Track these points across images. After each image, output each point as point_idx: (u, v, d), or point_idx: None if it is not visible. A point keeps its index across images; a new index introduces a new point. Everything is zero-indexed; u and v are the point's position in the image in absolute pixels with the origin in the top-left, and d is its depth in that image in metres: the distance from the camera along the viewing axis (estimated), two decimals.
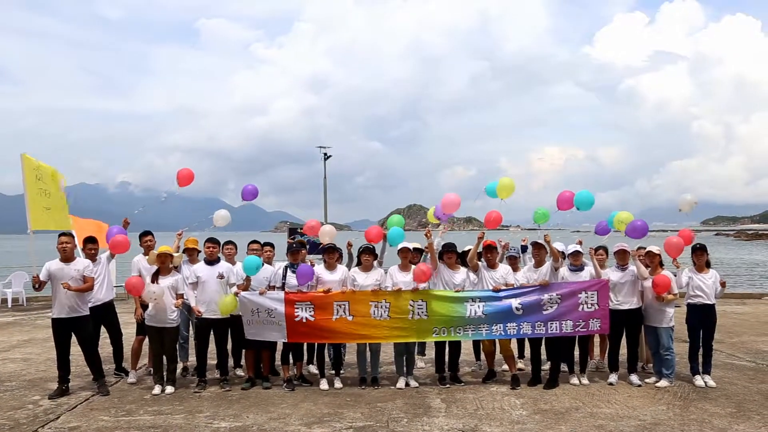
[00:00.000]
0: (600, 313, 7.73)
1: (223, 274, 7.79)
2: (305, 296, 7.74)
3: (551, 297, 7.74)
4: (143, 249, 8.38)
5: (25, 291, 16.83)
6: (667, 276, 7.68)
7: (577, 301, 7.72)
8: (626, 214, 8.19)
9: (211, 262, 7.88)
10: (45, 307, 15.48)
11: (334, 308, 7.68)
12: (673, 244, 7.87)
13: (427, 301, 7.71)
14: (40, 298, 16.61)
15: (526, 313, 7.71)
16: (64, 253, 7.40)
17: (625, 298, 7.85)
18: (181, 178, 8.63)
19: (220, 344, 7.94)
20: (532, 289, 7.81)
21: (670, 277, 7.70)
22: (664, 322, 7.77)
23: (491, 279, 7.89)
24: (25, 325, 13.15)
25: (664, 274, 7.69)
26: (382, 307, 7.69)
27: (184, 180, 8.66)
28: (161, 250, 7.72)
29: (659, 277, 7.66)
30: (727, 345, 10.36)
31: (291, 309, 7.65)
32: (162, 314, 7.51)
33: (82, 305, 7.43)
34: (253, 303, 7.70)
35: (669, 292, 7.65)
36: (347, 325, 7.68)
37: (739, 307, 15.46)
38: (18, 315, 14.81)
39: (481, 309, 7.69)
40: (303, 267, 7.75)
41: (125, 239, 7.95)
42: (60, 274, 7.30)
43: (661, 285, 7.61)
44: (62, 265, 7.38)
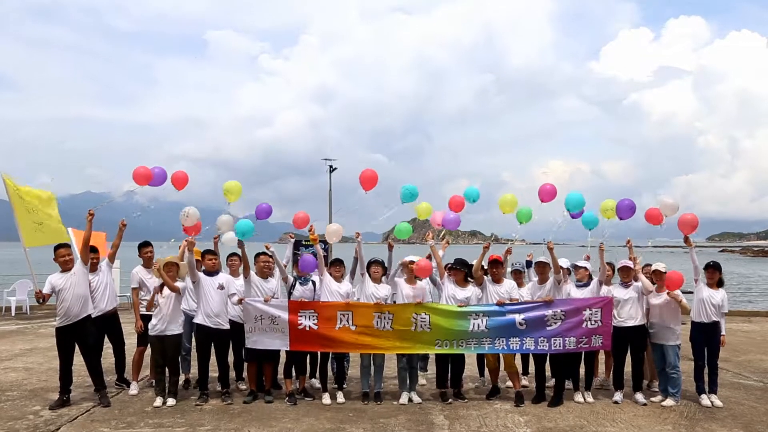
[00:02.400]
0: (603, 330, 7.67)
1: (223, 285, 7.78)
2: (309, 305, 7.76)
3: (555, 313, 7.69)
4: (143, 260, 8.36)
5: (29, 299, 16.83)
6: (679, 272, 7.64)
7: (581, 317, 7.67)
8: (611, 202, 8.14)
9: (210, 273, 7.86)
10: (48, 315, 15.48)
11: (337, 317, 7.69)
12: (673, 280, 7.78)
13: (430, 315, 7.68)
14: (44, 306, 16.61)
15: (529, 329, 7.66)
16: (65, 265, 7.41)
17: (629, 315, 7.78)
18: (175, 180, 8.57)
19: (222, 356, 7.90)
20: (536, 304, 7.77)
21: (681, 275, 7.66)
22: (671, 340, 7.70)
23: (496, 293, 7.86)
24: (28, 334, 13.14)
25: (676, 271, 7.64)
26: (386, 319, 7.69)
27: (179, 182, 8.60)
28: (167, 260, 7.71)
29: (672, 273, 7.60)
30: (733, 364, 10.26)
31: (295, 317, 7.68)
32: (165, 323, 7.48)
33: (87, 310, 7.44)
34: (257, 310, 7.71)
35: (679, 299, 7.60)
36: (350, 334, 7.68)
37: (745, 325, 15.34)
38: (21, 323, 14.81)
39: (485, 323, 7.64)
40: (307, 257, 7.78)
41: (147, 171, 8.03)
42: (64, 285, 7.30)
43: (674, 281, 7.55)
44: (65, 275, 7.38)
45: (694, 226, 7.85)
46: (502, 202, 8.38)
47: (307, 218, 8.28)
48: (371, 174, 8.32)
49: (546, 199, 8.35)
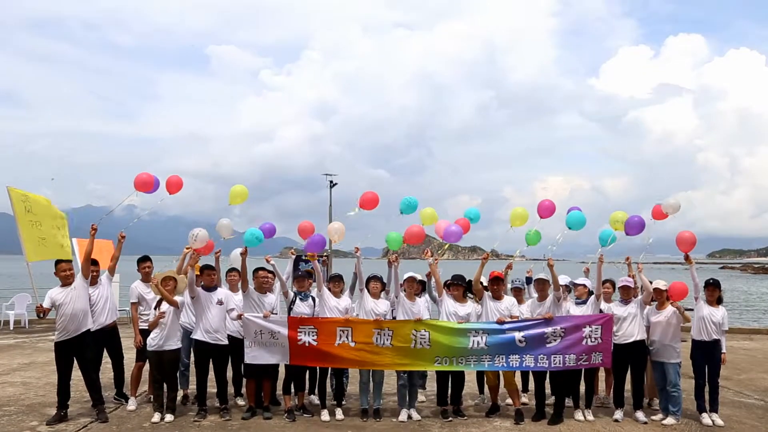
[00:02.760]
0: (603, 347, 7.65)
1: (222, 301, 7.78)
2: (308, 321, 7.76)
3: (555, 330, 7.67)
4: (141, 275, 8.36)
5: (28, 313, 16.77)
6: (683, 283, 7.66)
7: (581, 335, 7.65)
8: (621, 214, 8.17)
9: (209, 288, 7.85)
10: (48, 329, 15.42)
11: (337, 334, 7.68)
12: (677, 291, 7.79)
13: (429, 331, 7.67)
14: (43, 320, 16.55)
15: (529, 346, 7.64)
16: (66, 279, 7.41)
17: (629, 333, 7.75)
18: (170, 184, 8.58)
19: (220, 372, 7.86)
20: (535, 321, 7.75)
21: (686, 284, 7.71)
22: (672, 358, 7.67)
23: (496, 310, 7.84)
24: (26, 348, 13.08)
25: (680, 282, 7.66)
26: (385, 335, 7.67)
27: (174, 187, 8.61)
28: (164, 274, 7.70)
29: (676, 283, 7.62)
30: (734, 382, 10.21)
31: (294, 333, 7.67)
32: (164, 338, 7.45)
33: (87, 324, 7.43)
34: (257, 325, 7.71)
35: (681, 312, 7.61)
36: (349, 350, 7.66)
37: (746, 343, 15.27)
38: (20, 337, 14.75)
39: (484, 340, 7.62)
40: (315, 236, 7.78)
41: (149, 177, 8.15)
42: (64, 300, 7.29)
43: (677, 291, 7.56)
44: (65, 290, 7.37)
45: (692, 244, 7.87)
46: (513, 215, 8.43)
47: (312, 228, 8.30)
48: (372, 196, 8.36)
49: (545, 215, 8.39)
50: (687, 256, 7.85)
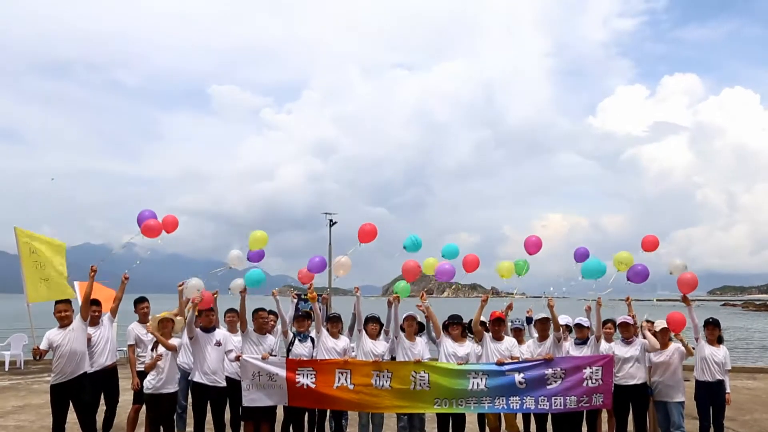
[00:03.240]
0: (603, 388, 7.55)
1: (220, 342, 7.72)
2: (307, 363, 7.69)
3: (555, 371, 7.58)
4: (138, 316, 8.31)
5: (24, 354, 16.58)
6: (680, 313, 7.65)
7: (581, 376, 7.56)
8: (626, 254, 8.15)
9: (207, 329, 7.80)
10: (43, 371, 15.22)
11: (335, 376, 7.60)
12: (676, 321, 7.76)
13: (429, 373, 7.59)
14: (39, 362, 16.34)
15: (529, 387, 7.54)
16: (63, 320, 7.36)
17: (630, 374, 7.68)
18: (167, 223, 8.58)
19: (218, 414, 7.76)
20: (536, 363, 7.67)
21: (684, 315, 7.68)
22: (675, 397, 7.61)
23: (496, 351, 7.78)
24: (21, 390, 12.91)
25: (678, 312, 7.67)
26: (384, 377, 7.59)
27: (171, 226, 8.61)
28: (162, 315, 7.65)
29: (673, 314, 7.60)
30: (739, 423, 10.06)
31: (292, 374, 7.60)
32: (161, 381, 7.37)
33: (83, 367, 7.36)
34: (255, 366, 7.64)
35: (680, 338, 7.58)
36: (348, 393, 7.57)
37: (750, 382, 15.07)
38: (15, 379, 14.55)
39: (484, 382, 7.54)
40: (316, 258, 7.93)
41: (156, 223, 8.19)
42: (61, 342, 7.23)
43: (676, 321, 7.55)
44: (62, 331, 7.31)
45: (693, 286, 7.86)
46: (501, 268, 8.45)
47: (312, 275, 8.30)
48: (370, 228, 8.37)
49: (532, 251, 8.40)
50: (685, 297, 7.84)
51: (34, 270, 7.75)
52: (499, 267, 8.53)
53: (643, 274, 8.00)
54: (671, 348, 7.69)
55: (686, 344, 7.66)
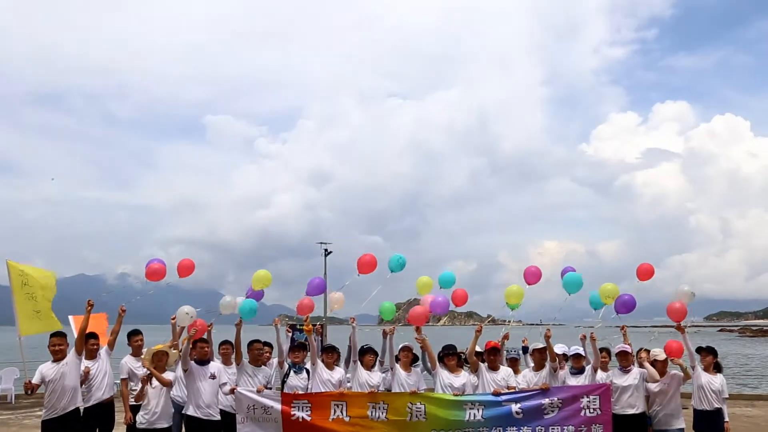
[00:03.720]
0: (603, 419, 7.49)
1: (214, 374, 7.65)
2: (302, 395, 7.61)
3: (552, 401, 7.53)
4: (132, 348, 8.24)
5: (15, 388, 16.33)
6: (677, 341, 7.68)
7: (578, 405, 7.51)
8: (611, 286, 8.21)
9: (202, 361, 7.73)
10: (35, 405, 14.96)
11: (331, 408, 7.52)
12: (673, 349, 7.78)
13: (425, 404, 7.52)
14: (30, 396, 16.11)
15: (526, 418, 7.48)
16: (56, 354, 7.28)
17: (629, 403, 7.61)
18: (181, 268, 8.59)
19: None
20: (532, 392, 7.62)
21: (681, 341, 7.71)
22: (675, 425, 7.56)
23: (492, 381, 7.72)
24: (11, 425, 12.70)
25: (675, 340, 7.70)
26: (380, 409, 7.51)
27: (185, 270, 8.62)
28: (156, 348, 7.58)
29: (670, 342, 7.65)
30: None
31: (288, 407, 7.52)
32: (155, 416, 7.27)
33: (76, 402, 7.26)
34: (250, 399, 7.57)
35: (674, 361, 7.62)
36: (344, 426, 7.48)
37: (749, 410, 14.98)
38: (5, 414, 14.30)
39: (481, 413, 7.47)
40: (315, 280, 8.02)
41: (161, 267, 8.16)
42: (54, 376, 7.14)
43: (674, 349, 7.59)
44: (56, 366, 7.23)
45: (683, 314, 7.89)
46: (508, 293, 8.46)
47: (312, 306, 8.28)
48: (369, 259, 8.40)
49: (532, 281, 8.42)
50: (679, 326, 7.83)
51: (26, 303, 7.73)
52: (507, 292, 8.51)
53: (629, 304, 8.07)
54: (667, 376, 7.66)
55: (684, 368, 7.65)
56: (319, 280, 8.28)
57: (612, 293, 8.22)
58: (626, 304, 8.09)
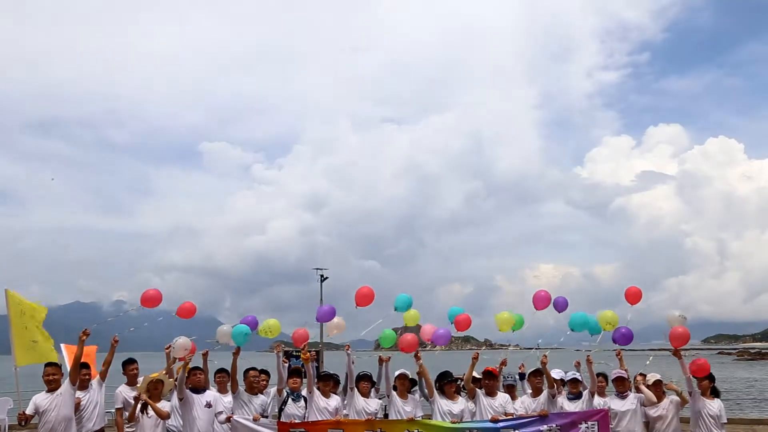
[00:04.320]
0: None
1: (210, 403, 7.60)
2: (298, 424, 7.56)
3: (551, 428, 7.49)
4: (127, 378, 8.18)
5: (8, 418, 16.11)
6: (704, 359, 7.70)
7: (577, 431, 7.46)
8: (611, 314, 8.23)
9: (197, 390, 7.68)
10: None
11: None
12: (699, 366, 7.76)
13: (423, 431, 7.45)
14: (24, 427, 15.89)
15: None
16: (50, 384, 7.22)
17: (627, 429, 7.58)
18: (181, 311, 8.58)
19: None
20: (531, 419, 7.58)
21: None
22: None
23: (490, 408, 7.69)
24: None
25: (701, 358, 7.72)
26: None
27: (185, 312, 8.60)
28: (152, 377, 7.52)
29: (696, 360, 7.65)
30: None
31: None
32: None
33: None
34: (246, 428, 7.53)
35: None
36: None
37: None
38: None
39: None
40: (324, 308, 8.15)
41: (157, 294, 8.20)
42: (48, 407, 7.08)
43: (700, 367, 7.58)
44: (50, 396, 7.16)
45: (685, 340, 7.86)
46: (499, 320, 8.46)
47: (306, 336, 8.28)
48: (367, 291, 8.41)
49: (540, 306, 8.41)
50: (676, 351, 7.79)
51: (23, 333, 7.68)
52: (498, 318, 8.54)
53: (627, 337, 8.14)
54: (666, 401, 7.63)
55: (680, 392, 7.63)
56: (328, 307, 8.30)
57: (612, 321, 8.25)
58: (624, 337, 8.15)
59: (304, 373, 8.21)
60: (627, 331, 8.19)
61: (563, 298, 8.72)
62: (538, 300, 8.55)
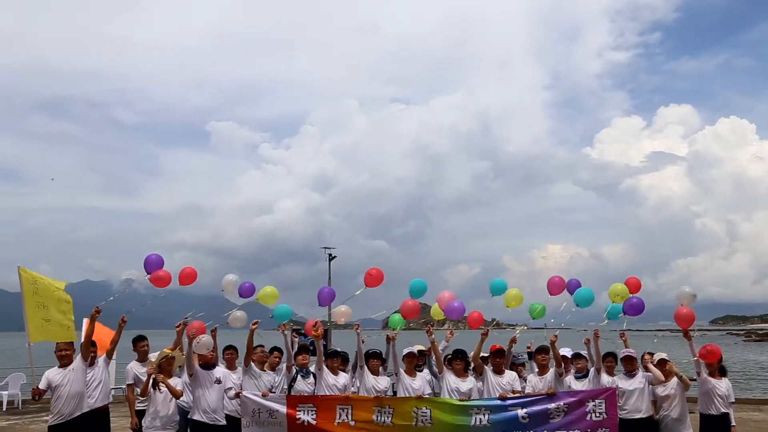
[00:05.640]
0: (609, 423, 7.46)
1: (220, 379, 7.67)
2: (308, 399, 7.64)
3: (558, 406, 7.52)
4: (137, 354, 8.26)
5: (22, 393, 16.37)
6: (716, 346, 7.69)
7: (584, 409, 7.49)
8: (621, 287, 8.23)
9: (207, 366, 7.75)
10: (41, 410, 15.00)
11: (336, 412, 7.55)
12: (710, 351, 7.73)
13: (431, 409, 7.52)
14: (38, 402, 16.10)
15: (532, 422, 7.47)
16: (62, 360, 7.31)
17: (635, 408, 7.59)
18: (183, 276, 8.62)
19: None
20: (538, 397, 7.61)
21: None
22: (683, 429, 7.55)
23: (498, 386, 7.72)
24: (18, 431, 12.75)
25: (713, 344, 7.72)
26: (386, 413, 7.52)
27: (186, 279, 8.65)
28: (164, 353, 7.59)
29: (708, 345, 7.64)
30: None
31: (293, 411, 7.54)
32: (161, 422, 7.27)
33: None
34: (255, 403, 7.60)
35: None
36: (349, 429, 7.50)
37: (755, 414, 14.89)
38: (12, 419, 14.35)
39: (487, 418, 7.46)
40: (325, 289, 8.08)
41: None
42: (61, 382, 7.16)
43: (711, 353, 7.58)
44: (62, 371, 7.25)
45: (690, 321, 7.84)
46: (508, 297, 8.46)
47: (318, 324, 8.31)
48: (376, 273, 8.43)
49: (555, 292, 8.38)
50: (686, 332, 7.79)
51: (36, 310, 7.72)
52: (506, 296, 8.54)
53: (638, 307, 8.08)
54: (674, 380, 7.64)
55: (681, 376, 7.63)
56: (328, 289, 8.29)
57: (622, 293, 8.24)
58: (635, 307, 8.09)
59: (313, 350, 8.26)
60: (638, 301, 8.14)
61: (576, 280, 8.68)
62: (552, 286, 8.51)
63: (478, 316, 8.56)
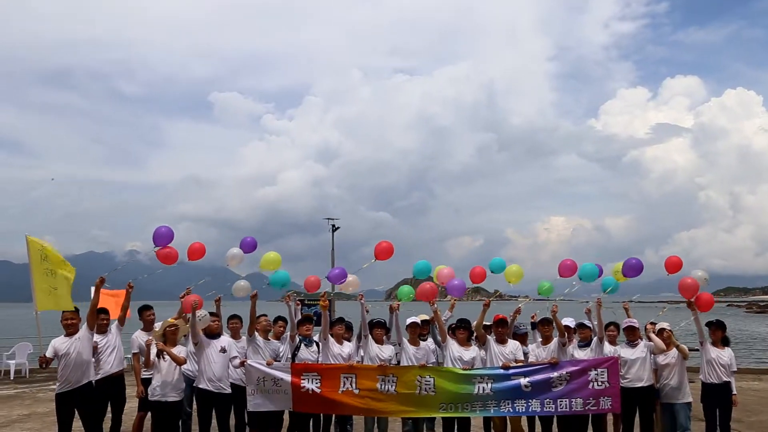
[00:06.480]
0: (611, 391, 7.51)
1: (225, 348, 7.72)
2: (312, 367, 7.69)
3: (560, 374, 7.56)
4: (143, 323, 8.31)
5: (29, 362, 16.56)
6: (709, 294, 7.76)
7: (587, 378, 7.53)
8: (618, 265, 8.20)
9: (212, 335, 7.80)
10: (48, 379, 15.19)
11: (341, 380, 7.60)
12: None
13: (434, 377, 7.57)
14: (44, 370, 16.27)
15: (535, 391, 7.52)
16: (69, 329, 7.37)
17: (637, 376, 7.66)
18: (191, 252, 8.63)
19: (223, 421, 7.75)
20: (541, 366, 7.65)
21: None
22: (682, 398, 7.60)
23: (501, 355, 7.76)
24: (26, 399, 12.91)
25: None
26: (389, 381, 7.57)
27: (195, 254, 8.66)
28: (169, 322, 7.63)
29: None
30: (745, 425, 10.03)
31: (297, 379, 7.59)
32: (166, 388, 7.33)
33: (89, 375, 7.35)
34: (260, 372, 7.65)
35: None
36: (353, 398, 7.56)
37: (755, 383, 15.03)
38: (20, 387, 14.53)
39: (489, 386, 7.51)
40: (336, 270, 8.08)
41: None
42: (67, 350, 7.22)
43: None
44: (69, 340, 7.31)
45: (695, 290, 7.80)
46: (509, 273, 8.44)
47: (318, 282, 8.31)
48: (387, 246, 8.40)
49: (566, 274, 8.31)
50: (690, 303, 7.78)
51: (44, 278, 7.71)
52: (507, 272, 8.53)
53: (637, 268, 8.03)
54: (674, 350, 7.68)
55: (679, 346, 7.66)
56: (339, 269, 8.25)
57: (619, 268, 8.23)
58: (634, 267, 8.04)
59: (316, 320, 8.28)
60: (636, 261, 8.11)
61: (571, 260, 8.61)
62: (564, 269, 8.39)
63: (481, 270, 8.54)
